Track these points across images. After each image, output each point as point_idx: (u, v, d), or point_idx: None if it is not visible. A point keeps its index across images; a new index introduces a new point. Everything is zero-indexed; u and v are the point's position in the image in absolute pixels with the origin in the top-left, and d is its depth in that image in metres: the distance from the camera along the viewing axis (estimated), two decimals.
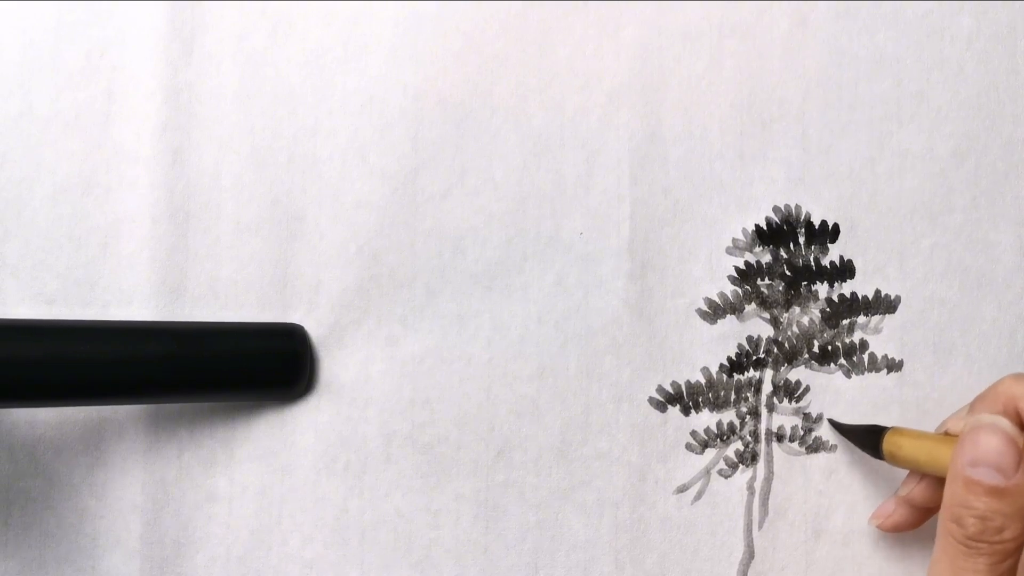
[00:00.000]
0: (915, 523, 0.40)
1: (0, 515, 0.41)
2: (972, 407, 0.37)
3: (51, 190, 0.42)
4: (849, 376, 0.42)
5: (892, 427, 0.39)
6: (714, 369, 0.42)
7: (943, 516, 0.33)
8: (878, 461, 0.40)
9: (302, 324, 0.42)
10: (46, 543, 0.41)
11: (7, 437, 0.41)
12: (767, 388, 0.42)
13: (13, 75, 0.42)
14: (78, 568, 0.41)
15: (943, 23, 0.43)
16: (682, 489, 0.42)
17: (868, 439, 0.40)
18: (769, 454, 0.42)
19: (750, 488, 0.42)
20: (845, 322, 0.43)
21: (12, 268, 0.42)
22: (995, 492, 0.32)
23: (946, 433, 0.37)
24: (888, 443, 0.38)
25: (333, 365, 0.42)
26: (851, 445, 0.42)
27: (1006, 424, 0.33)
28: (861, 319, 0.43)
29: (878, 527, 0.40)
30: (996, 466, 0.32)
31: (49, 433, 0.42)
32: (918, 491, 0.39)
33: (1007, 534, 0.32)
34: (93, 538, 0.41)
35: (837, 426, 0.42)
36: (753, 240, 0.43)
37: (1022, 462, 0.32)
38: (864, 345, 0.43)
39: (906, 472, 0.40)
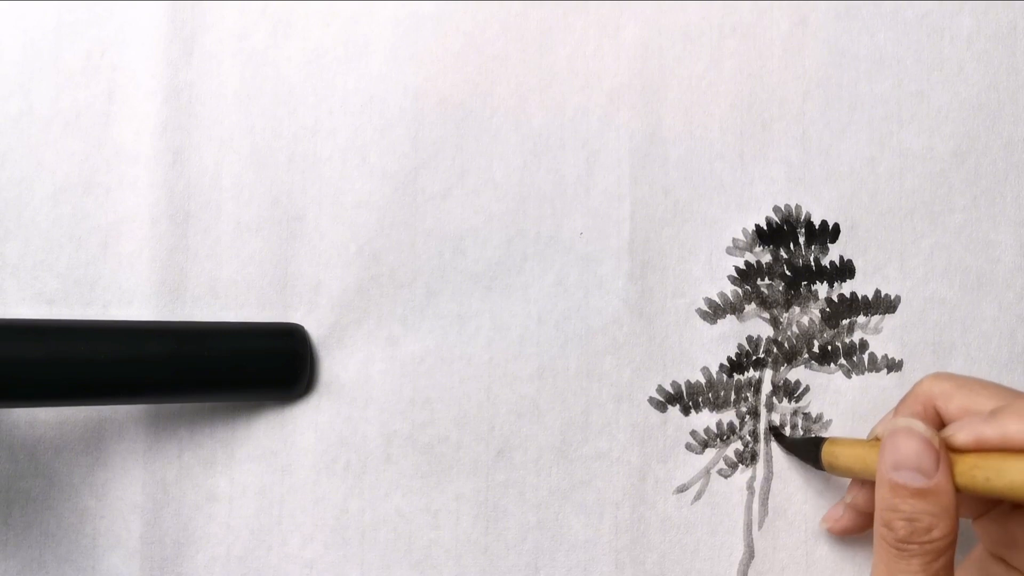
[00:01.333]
0: (862, 527, 0.40)
1: (0, 515, 0.41)
2: (896, 410, 0.38)
3: (51, 190, 0.42)
4: (849, 376, 0.42)
5: (829, 438, 0.39)
6: (714, 369, 0.42)
7: (876, 521, 0.34)
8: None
9: (302, 324, 0.42)
10: (46, 543, 0.41)
11: (7, 437, 0.41)
12: (767, 388, 0.42)
13: (13, 75, 0.42)
14: (78, 568, 0.41)
15: (943, 23, 0.43)
16: (682, 489, 0.42)
17: (809, 452, 0.40)
18: (769, 454, 0.42)
19: (750, 488, 0.42)
20: (845, 322, 0.43)
21: (12, 268, 0.42)
22: (919, 493, 0.32)
23: (876, 439, 0.38)
24: (825, 453, 0.39)
25: (333, 365, 0.42)
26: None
27: (920, 426, 0.33)
28: (861, 319, 0.43)
29: (828, 530, 0.41)
30: (916, 468, 0.33)
31: (49, 433, 0.42)
32: (861, 497, 0.39)
33: (936, 533, 0.32)
34: (93, 538, 0.41)
35: (780, 440, 0.42)
36: (753, 240, 0.43)
37: (941, 462, 0.32)
38: (864, 345, 0.43)
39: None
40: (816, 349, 0.43)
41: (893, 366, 0.42)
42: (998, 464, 0.32)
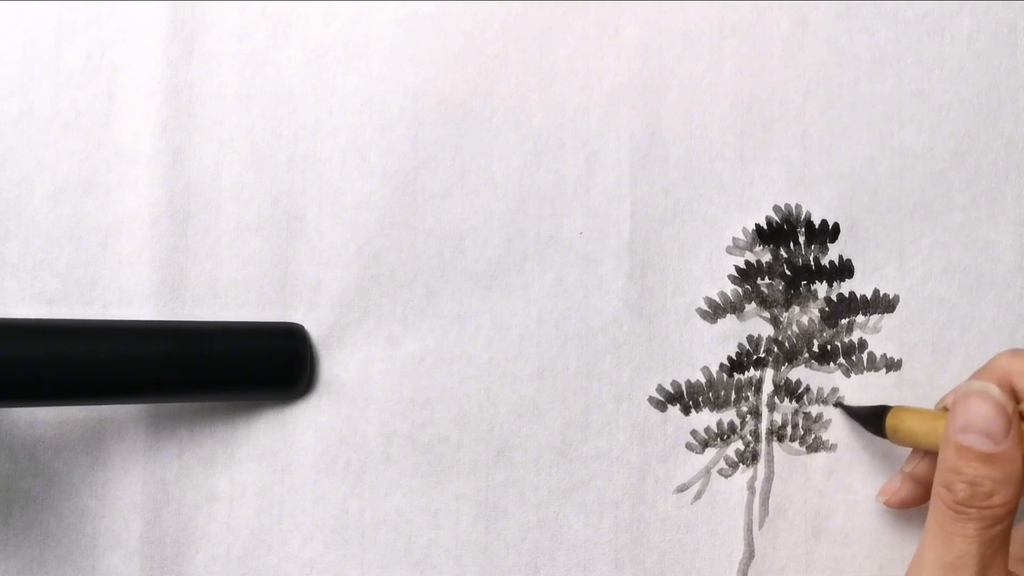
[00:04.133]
0: (920, 499, 0.40)
1: (0, 515, 0.41)
2: (970, 379, 0.37)
3: (51, 190, 0.42)
4: (848, 375, 0.43)
5: (895, 406, 0.39)
6: (714, 368, 0.42)
7: (936, 482, 0.34)
8: (878, 459, 0.41)
9: (302, 324, 0.42)
10: (46, 543, 0.41)
11: (7, 437, 0.41)
12: (767, 387, 0.43)
13: (13, 75, 0.42)
14: (78, 568, 0.41)
15: (943, 23, 0.43)
16: (682, 489, 0.42)
17: (872, 419, 0.40)
18: (769, 454, 0.42)
19: (750, 488, 0.42)
20: (844, 321, 0.43)
21: (12, 268, 0.42)
22: (985, 458, 0.32)
23: (944, 409, 0.38)
24: (891, 418, 0.39)
25: (333, 365, 0.42)
26: (854, 438, 0.42)
27: (996, 391, 0.33)
28: (860, 318, 0.43)
29: (885, 503, 0.41)
30: (986, 432, 0.32)
31: (49, 433, 0.42)
32: (921, 466, 0.39)
33: (996, 499, 0.32)
34: (93, 538, 0.41)
35: (845, 409, 0.42)
36: (753, 240, 0.43)
37: (1011, 428, 0.32)
38: (863, 344, 0.43)
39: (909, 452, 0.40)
40: (816, 348, 0.43)
41: (892, 365, 0.42)
42: None
